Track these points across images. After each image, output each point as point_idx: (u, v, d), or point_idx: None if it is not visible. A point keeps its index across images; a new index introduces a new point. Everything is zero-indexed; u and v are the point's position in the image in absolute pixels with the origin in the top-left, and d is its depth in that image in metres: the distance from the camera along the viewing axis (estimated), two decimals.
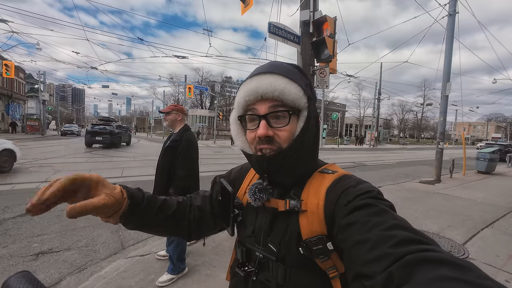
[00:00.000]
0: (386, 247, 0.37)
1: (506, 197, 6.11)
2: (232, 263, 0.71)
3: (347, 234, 0.45)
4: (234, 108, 0.63)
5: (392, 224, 0.41)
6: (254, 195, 0.59)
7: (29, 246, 2.95)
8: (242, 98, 0.58)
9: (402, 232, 0.39)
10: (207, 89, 33.39)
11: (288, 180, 0.60)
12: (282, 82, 0.54)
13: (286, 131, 0.56)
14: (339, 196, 0.52)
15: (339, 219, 0.49)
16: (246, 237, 0.64)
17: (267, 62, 0.62)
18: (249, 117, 0.59)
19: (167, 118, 2.31)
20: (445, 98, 8.21)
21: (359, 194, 0.49)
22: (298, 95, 0.55)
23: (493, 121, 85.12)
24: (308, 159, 0.61)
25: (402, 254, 0.34)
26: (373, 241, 0.39)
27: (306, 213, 0.55)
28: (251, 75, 0.59)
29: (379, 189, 0.52)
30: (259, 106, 0.56)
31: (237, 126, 0.64)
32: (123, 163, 9.59)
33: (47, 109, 31.26)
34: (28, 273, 0.38)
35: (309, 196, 0.56)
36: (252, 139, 0.59)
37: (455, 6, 7.85)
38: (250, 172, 0.73)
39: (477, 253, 3.12)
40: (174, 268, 2.31)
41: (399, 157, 18.13)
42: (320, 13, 4.42)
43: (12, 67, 15.56)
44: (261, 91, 0.55)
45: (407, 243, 0.37)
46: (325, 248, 0.51)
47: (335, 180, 0.56)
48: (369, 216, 0.44)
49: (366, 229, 0.42)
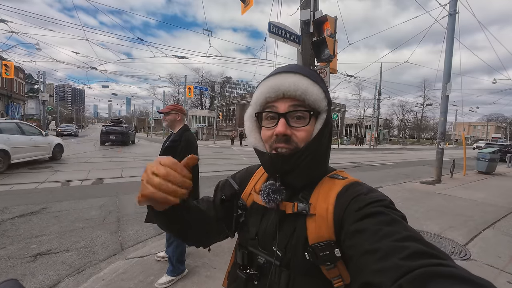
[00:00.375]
0: (397, 259, 0.35)
1: (506, 198, 6.09)
2: (231, 268, 0.69)
3: (355, 241, 0.43)
4: (251, 105, 0.62)
5: (404, 235, 0.40)
6: (268, 196, 0.57)
7: (28, 247, 2.93)
8: (263, 94, 0.57)
9: (415, 245, 0.37)
10: (207, 89, 33.36)
11: (300, 182, 0.59)
12: (305, 82, 0.54)
13: (304, 131, 0.55)
14: (349, 202, 0.51)
15: (348, 225, 0.47)
16: (249, 239, 0.62)
17: (287, 64, 0.62)
18: (266, 115, 0.58)
19: (166, 118, 2.29)
20: (446, 98, 8.20)
21: (371, 202, 0.48)
22: (320, 97, 0.55)
23: (493, 121, 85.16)
24: (321, 162, 0.60)
25: (413, 267, 0.33)
26: (384, 251, 0.37)
27: (314, 217, 0.53)
28: (272, 74, 0.58)
29: (391, 199, 0.51)
30: (279, 104, 0.56)
31: (252, 123, 0.63)
32: (123, 163, 9.57)
33: (47, 109, 31.27)
34: (16, 281, 0.36)
35: (318, 200, 0.55)
36: (268, 137, 0.58)
37: (456, 6, 7.84)
38: (255, 175, 0.71)
39: (478, 254, 3.10)
40: (174, 270, 2.29)
41: (399, 157, 18.11)
42: (320, 12, 4.41)
43: (11, 67, 15.52)
44: (283, 89, 0.54)
45: (420, 256, 0.35)
46: (332, 254, 0.49)
47: (345, 186, 0.56)
48: (380, 225, 0.42)
49: (376, 238, 0.40)
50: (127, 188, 5.75)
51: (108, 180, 6.59)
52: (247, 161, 11.52)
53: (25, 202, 4.44)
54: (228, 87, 65.00)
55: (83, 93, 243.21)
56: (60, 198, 4.81)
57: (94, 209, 4.29)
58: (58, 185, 5.80)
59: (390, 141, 48.72)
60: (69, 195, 5.05)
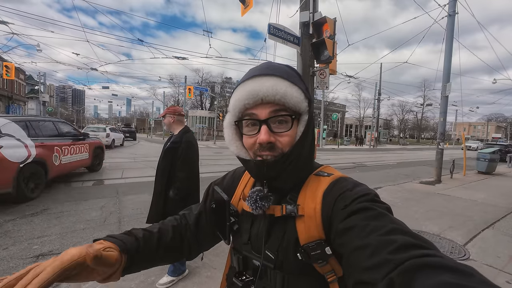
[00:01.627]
0: (386, 253, 0.36)
1: (506, 198, 6.10)
2: (228, 271, 0.69)
3: (345, 239, 0.44)
4: (229, 112, 0.60)
5: (391, 228, 0.40)
6: (255, 203, 0.56)
7: (29, 248, 2.95)
8: (241, 101, 0.54)
9: (402, 237, 0.38)
10: (207, 90, 33.37)
11: (287, 186, 0.59)
12: (283, 85, 0.52)
13: (288, 136, 0.54)
14: (336, 200, 0.51)
15: (336, 223, 0.48)
16: (242, 244, 0.62)
17: (263, 63, 0.59)
18: (247, 122, 0.56)
19: (164, 121, 2.32)
20: (445, 98, 8.21)
21: (356, 198, 0.49)
22: (300, 98, 0.54)
23: (493, 121, 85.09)
24: (307, 162, 0.60)
25: (402, 259, 0.34)
26: (373, 247, 0.38)
27: (303, 218, 0.53)
28: (247, 77, 0.55)
29: (375, 192, 0.52)
30: (259, 111, 0.54)
31: (232, 130, 0.61)
32: (123, 164, 9.59)
33: (47, 110, 31.28)
34: None
35: (306, 200, 0.55)
36: (251, 145, 0.56)
37: (455, 7, 7.86)
38: (244, 177, 0.70)
39: (478, 254, 3.11)
40: (175, 270, 2.30)
41: (399, 157, 18.10)
42: (319, 14, 4.43)
43: (12, 69, 15.56)
44: (261, 94, 0.52)
45: (407, 248, 0.36)
46: (323, 253, 0.50)
47: (331, 183, 0.55)
48: (367, 220, 0.43)
49: (364, 234, 0.41)
50: (127, 189, 5.77)
51: (108, 181, 6.61)
52: None
53: (26, 203, 4.46)
54: (228, 88, 65.06)
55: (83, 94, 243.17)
56: (61, 199, 4.83)
57: (95, 210, 4.31)
58: (59, 186, 5.82)
59: (390, 141, 48.67)
60: (70, 196, 5.07)
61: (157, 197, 2.19)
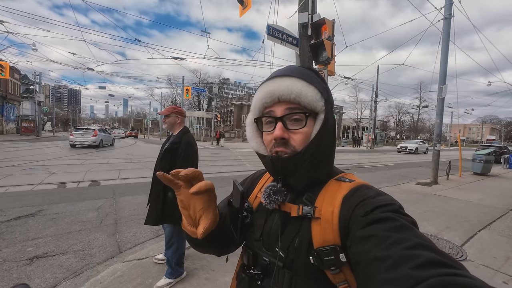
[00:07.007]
0: (408, 268, 0.34)
1: (502, 199, 6.17)
2: (239, 268, 0.69)
3: (363, 248, 0.42)
4: (251, 111, 0.64)
5: (415, 242, 0.38)
6: (268, 197, 0.58)
7: (24, 250, 2.89)
8: (259, 100, 0.59)
9: (427, 253, 0.36)
10: (204, 91, 33.21)
11: (301, 184, 0.59)
12: (299, 85, 0.55)
13: (301, 134, 0.55)
14: (356, 206, 0.50)
15: (354, 230, 0.46)
16: (254, 241, 0.63)
17: (285, 66, 0.63)
18: (265, 120, 0.60)
19: (166, 120, 2.28)
20: (441, 100, 8.29)
21: (379, 206, 0.47)
22: (315, 97, 0.55)
23: (488, 123, 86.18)
24: (324, 163, 0.59)
25: (425, 277, 0.32)
26: (394, 260, 0.36)
27: (319, 221, 0.53)
28: (269, 78, 0.59)
29: (400, 204, 0.49)
30: (275, 108, 0.57)
31: (253, 128, 0.65)
32: (120, 164, 9.50)
33: (43, 110, 30.94)
34: (26, 286, 0.36)
35: (324, 203, 0.54)
36: (268, 142, 0.59)
37: (451, 10, 7.95)
38: (263, 178, 0.73)
39: (475, 254, 3.13)
40: (172, 272, 2.27)
41: (396, 158, 18.24)
42: (318, 15, 4.44)
43: (7, 68, 15.35)
44: (278, 93, 0.55)
45: (432, 265, 0.34)
46: (337, 259, 0.48)
47: (353, 188, 0.54)
48: (390, 231, 0.41)
49: (385, 246, 0.39)
50: (124, 190, 5.71)
51: (105, 181, 6.54)
52: (245, 162, 11.52)
53: (20, 204, 4.39)
54: (226, 89, 65.00)
55: (79, 94, 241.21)
56: (57, 200, 4.77)
57: (91, 211, 4.25)
58: (54, 187, 5.74)
59: (387, 142, 49.02)
60: (65, 197, 5.00)
61: (155, 198, 2.17)
